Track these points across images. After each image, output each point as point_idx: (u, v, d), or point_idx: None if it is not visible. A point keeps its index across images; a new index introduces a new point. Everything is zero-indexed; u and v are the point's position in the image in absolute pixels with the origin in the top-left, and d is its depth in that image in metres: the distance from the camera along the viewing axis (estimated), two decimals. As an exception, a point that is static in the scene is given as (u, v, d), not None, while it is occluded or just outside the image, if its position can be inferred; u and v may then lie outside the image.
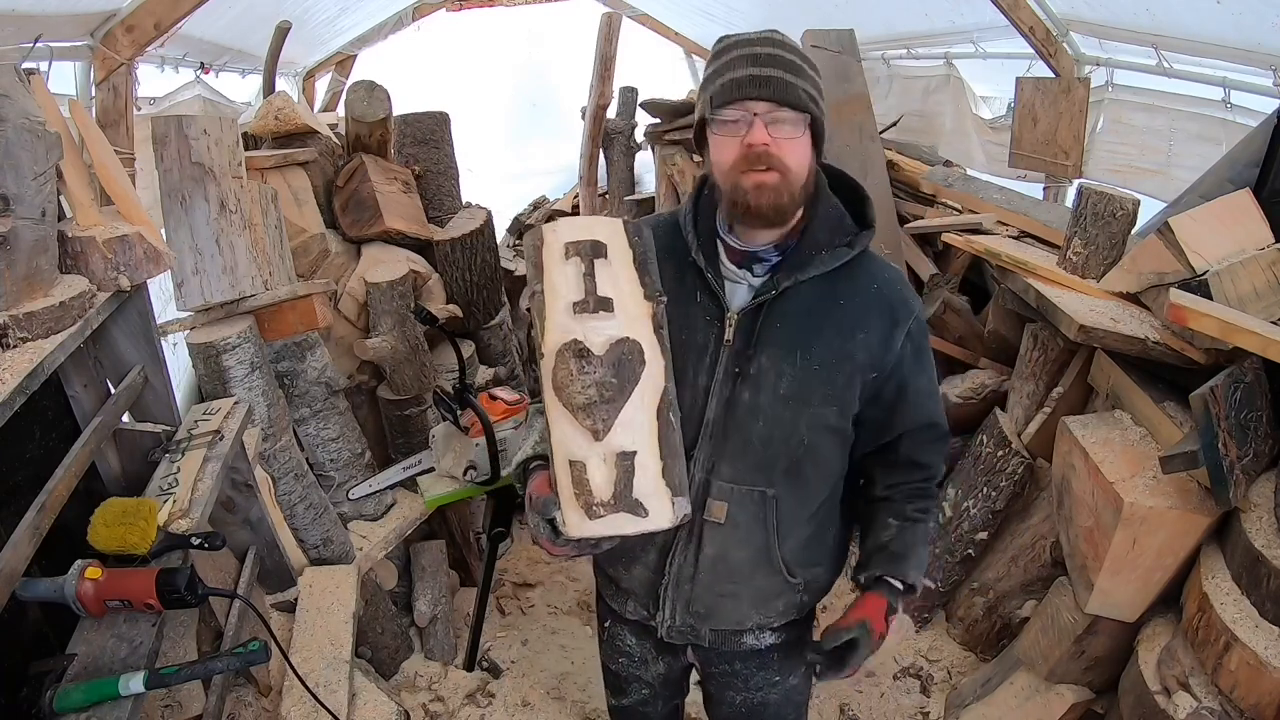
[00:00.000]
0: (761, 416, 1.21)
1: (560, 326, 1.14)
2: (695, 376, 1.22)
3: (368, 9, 4.97)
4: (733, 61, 1.12)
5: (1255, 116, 2.26)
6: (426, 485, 2.54)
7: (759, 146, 1.10)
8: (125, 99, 2.18)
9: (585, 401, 1.12)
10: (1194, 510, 1.74)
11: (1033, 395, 2.47)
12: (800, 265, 1.19)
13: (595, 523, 1.11)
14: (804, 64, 1.13)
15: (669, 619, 1.36)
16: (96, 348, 1.59)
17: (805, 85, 1.11)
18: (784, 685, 1.48)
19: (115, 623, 1.26)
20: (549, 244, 1.17)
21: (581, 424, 1.12)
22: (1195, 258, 1.93)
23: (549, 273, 1.16)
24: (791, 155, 1.12)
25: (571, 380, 1.12)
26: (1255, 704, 1.52)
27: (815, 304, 1.21)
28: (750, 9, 5.18)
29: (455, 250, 2.91)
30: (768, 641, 1.41)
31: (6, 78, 1.19)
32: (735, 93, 1.10)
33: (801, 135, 1.13)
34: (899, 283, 1.27)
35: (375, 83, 2.66)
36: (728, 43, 1.16)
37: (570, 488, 1.11)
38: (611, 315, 1.15)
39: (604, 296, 1.15)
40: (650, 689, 1.58)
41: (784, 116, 1.10)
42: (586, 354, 1.13)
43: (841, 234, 1.22)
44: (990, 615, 2.46)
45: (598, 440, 1.12)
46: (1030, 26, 3.01)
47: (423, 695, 2.46)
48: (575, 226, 1.20)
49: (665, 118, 4.29)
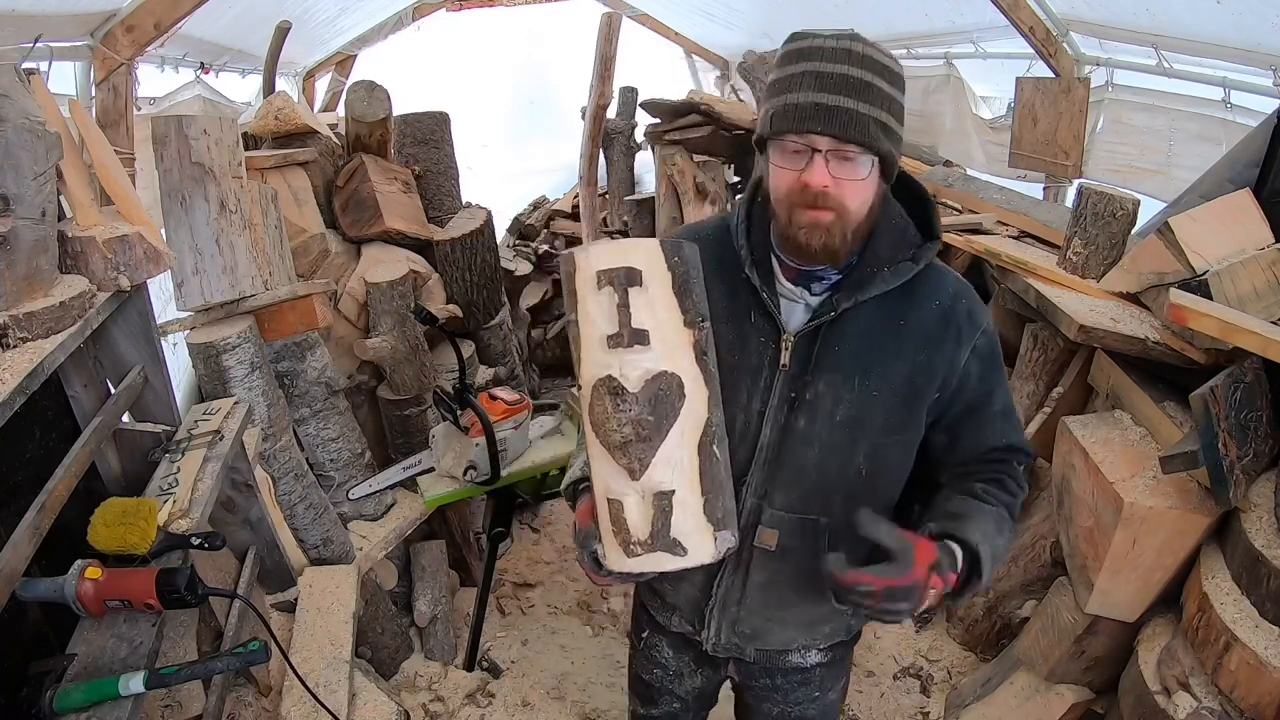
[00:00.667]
0: (818, 444, 1.15)
1: (595, 361, 1.08)
2: (749, 400, 1.16)
3: (368, 9, 4.97)
4: (799, 78, 1.00)
5: (1255, 116, 2.26)
6: (426, 485, 2.54)
7: (816, 188, 1.01)
8: (125, 99, 2.18)
9: (621, 440, 1.07)
10: (1194, 510, 1.74)
11: (1033, 395, 2.47)
12: (861, 284, 1.10)
13: (633, 560, 1.08)
14: (883, 83, 1.00)
15: (714, 637, 1.33)
16: (96, 348, 1.59)
17: (879, 114, 0.99)
18: (823, 701, 1.45)
19: (115, 623, 1.26)
20: (581, 270, 1.09)
21: (618, 462, 1.07)
22: (1195, 258, 1.93)
23: (583, 302, 1.09)
24: (854, 197, 1.03)
25: (607, 418, 1.07)
26: (1255, 704, 1.52)
27: (876, 325, 1.13)
28: (750, 9, 5.18)
29: (455, 250, 2.91)
30: (813, 660, 1.39)
31: (6, 78, 1.19)
32: (797, 122, 0.99)
33: (868, 175, 1.03)
34: (965, 296, 1.16)
35: (375, 83, 2.66)
36: (798, 48, 1.03)
37: (609, 524, 1.09)
38: (648, 348, 1.07)
39: (639, 329, 1.07)
40: (682, 702, 1.56)
41: (850, 154, 1.00)
42: (621, 391, 1.06)
43: (905, 247, 1.13)
44: (990, 615, 2.46)
45: (634, 479, 1.07)
46: (1030, 26, 3.01)
47: (423, 695, 2.46)
48: (609, 252, 1.10)
49: (665, 118, 4.29)
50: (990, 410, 1.18)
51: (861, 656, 2.60)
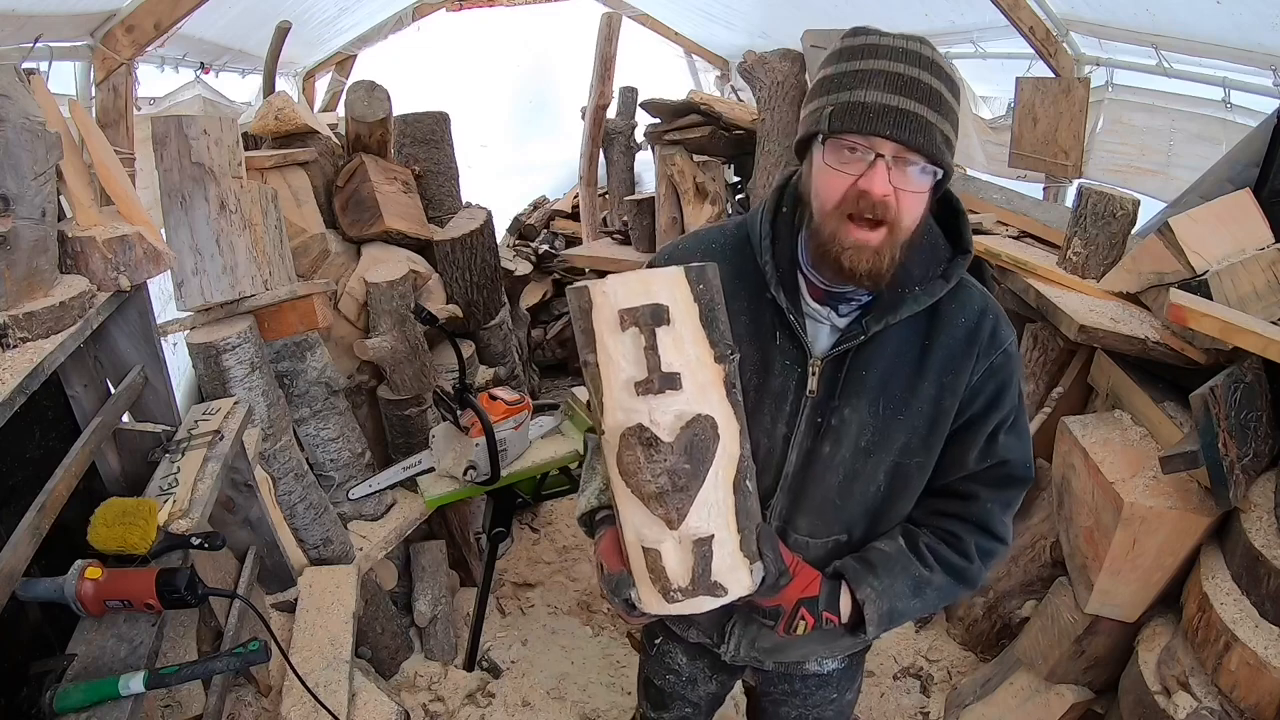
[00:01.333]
0: (842, 470, 1.11)
1: (622, 407, 0.99)
2: (774, 424, 1.11)
3: (368, 9, 4.97)
4: (867, 75, 0.92)
5: (1255, 116, 2.26)
6: (426, 485, 2.54)
7: (876, 196, 0.92)
8: (125, 99, 2.18)
9: (657, 490, 1.00)
10: (1194, 510, 1.74)
11: (1033, 395, 2.47)
12: (893, 306, 1.03)
13: (672, 606, 1.04)
14: (949, 94, 0.93)
15: (734, 650, 1.31)
16: (96, 348, 1.59)
17: (945, 126, 0.93)
18: (840, 702, 1.45)
19: (115, 623, 1.26)
20: (599, 308, 0.99)
21: (654, 512, 1.01)
22: (1195, 258, 1.93)
23: (603, 342, 0.99)
24: (909, 211, 0.95)
25: (640, 469, 1.00)
26: (1255, 704, 1.52)
27: (903, 348, 1.07)
28: (750, 9, 5.18)
29: (455, 250, 2.91)
30: (830, 667, 1.39)
31: (6, 78, 1.19)
32: (864, 123, 0.90)
33: (927, 189, 0.96)
34: (990, 314, 1.09)
35: (375, 83, 2.66)
36: (864, 44, 0.96)
37: (645, 572, 1.04)
38: (679, 391, 0.99)
39: (669, 373, 0.98)
40: (694, 708, 1.55)
41: (914, 163, 0.92)
42: (655, 442, 0.98)
43: (935, 263, 1.06)
44: (990, 615, 2.46)
45: (672, 529, 1.01)
46: (1030, 26, 3.02)
47: (423, 695, 2.46)
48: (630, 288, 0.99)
49: (665, 118, 4.29)
50: (984, 427, 1.11)
51: (861, 656, 2.60)
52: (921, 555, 1.13)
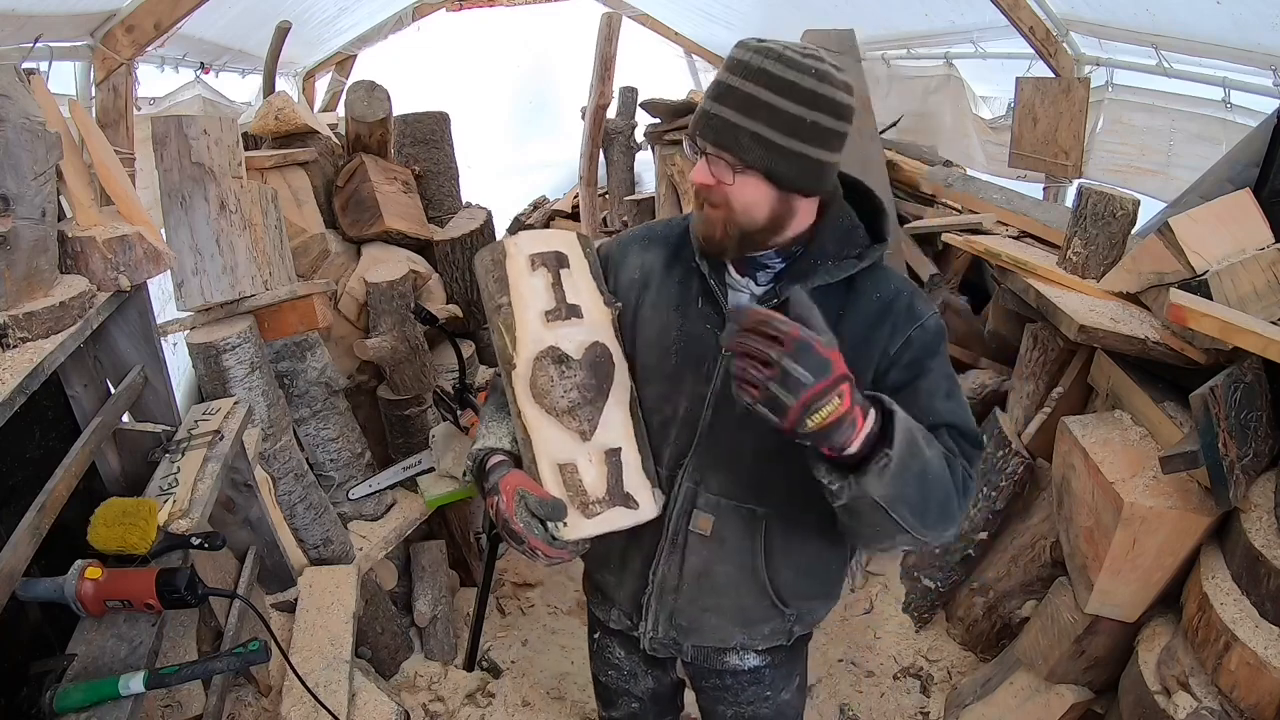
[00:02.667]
0: (752, 430, 1.13)
1: (534, 337, 1.17)
2: (694, 385, 1.20)
3: (368, 9, 4.97)
4: (712, 84, 1.09)
5: (1255, 116, 2.26)
6: (426, 485, 2.54)
7: (697, 184, 1.10)
8: (125, 99, 2.18)
9: (569, 405, 1.15)
10: (1194, 510, 1.74)
11: (1033, 395, 2.47)
12: (804, 274, 1.14)
13: (592, 521, 1.12)
14: (781, 99, 1.01)
15: (651, 630, 1.34)
16: (96, 348, 1.59)
17: (758, 127, 1.02)
18: (775, 700, 1.45)
19: (115, 623, 1.26)
20: (513, 256, 1.21)
21: (567, 426, 1.15)
22: (1195, 258, 1.93)
23: (515, 284, 1.19)
24: (738, 197, 1.08)
25: (553, 386, 1.15)
26: (1255, 704, 1.52)
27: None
28: (750, 9, 5.19)
29: (455, 250, 2.91)
30: (752, 663, 1.39)
31: (6, 78, 1.19)
32: (693, 125, 1.09)
33: (745, 180, 1.07)
34: (907, 293, 1.18)
35: (375, 83, 2.66)
36: (727, 57, 1.09)
37: (563, 490, 1.12)
38: (581, 321, 1.20)
39: (573, 304, 1.20)
40: (640, 703, 1.57)
41: (725, 160, 1.06)
42: (566, 359, 1.16)
43: (851, 245, 1.17)
44: (990, 615, 2.46)
45: (585, 440, 1.15)
46: (1030, 26, 3.02)
47: (423, 695, 2.46)
48: (536, 239, 1.23)
49: (665, 118, 4.30)
50: (913, 395, 1.11)
51: (862, 656, 2.60)
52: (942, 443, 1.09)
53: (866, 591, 2.82)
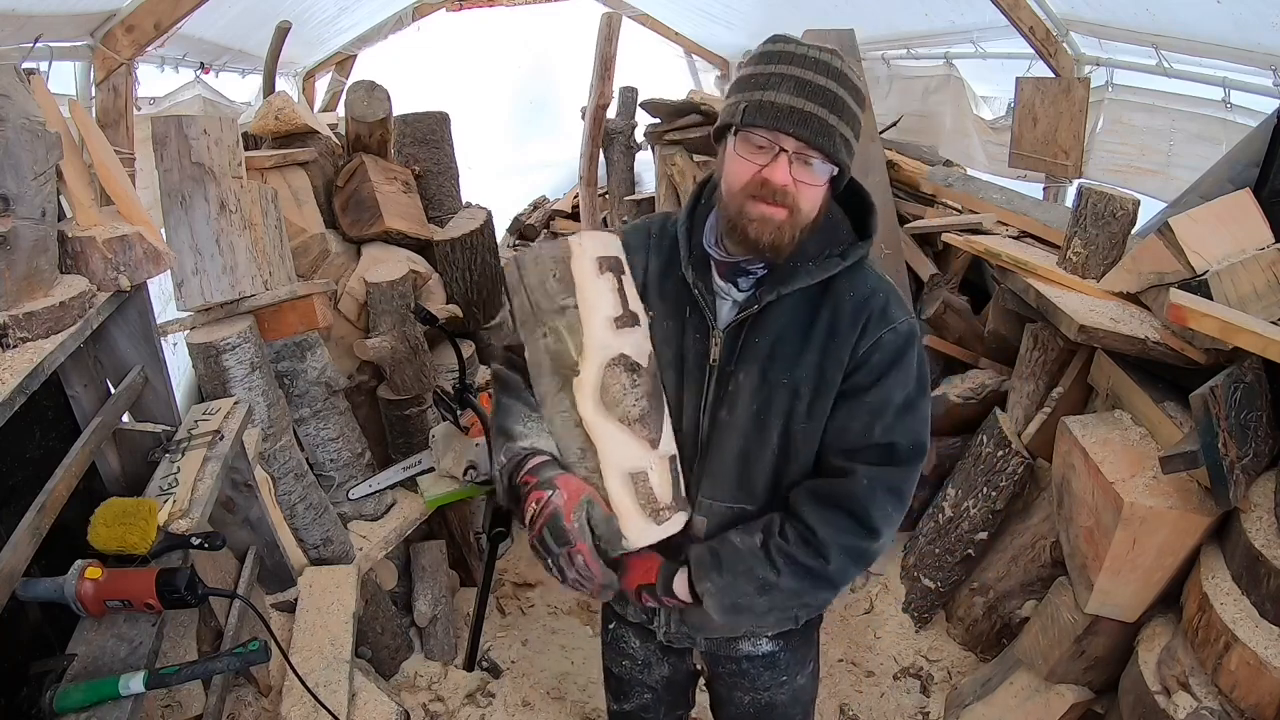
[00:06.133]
0: (738, 434, 1.18)
1: (602, 343, 1.13)
2: (693, 396, 1.21)
3: (368, 9, 4.97)
4: (779, 78, 1.03)
5: (1255, 116, 2.26)
6: (426, 485, 2.54)
7: (777, 185, 1.04)
8: (125, 99, 2.18)
9: (640, 413, 1.13)
10: (1194, 510, 1.74)
11: (1033, 395, 2.47)
12: (784, 278, 1.14)
13: (661, 526, 1.13)
14: (850, 100, 1.05)
15: (665, 625, 1.37)
16: (96, 348, 1.59)
17: (845, 129, 1.04)
18: (792, 685, 1.47)
19: (115, 623, 1.26)
20: (578, 257, 1.14)
21: (639, 435, 1.13)
22: (1195, 258, 1.93)
23: (583, 287, 1.14)
24: (807, 199, 1.07)
25: (625, 394, 1.13)
26: (1255, 704, 1.52)
27: (794, 318, 1.16)
28: (750, 9, 5.19)
29: (455, 250, 2.91)
30: (765, 649, 1.41)
31: (6, 78, 1.19)
32: (771, 119, 1.02)
33: (824, 182, 1.08)
34: (883, 293, 1.17)
35: (375, 83, 2.66)
36: (781, 50, 1.06)
37: (635, 500, 1.12)
38: (639, 327, 1.18)
39: (634, 311, 1.18)
40: (653, 693, 1.57)
41: (814, 160, 1.04)
42: (636, 368, 1.14)
43: (835, 244, 1.16)
44: (990, 615, 2.46)
45: (655, 449, 1.14)
46: (1030, 26, 3.02)
47: (423, 695, 2.46)
48: (597, 241, 1.18)
49: (665, 118, 4.29)
50: (868, 400, 1.14)
51: (862, 656, 2.60)
52: (770, 558, 1.15)
53: (866, 591, 2.82)
